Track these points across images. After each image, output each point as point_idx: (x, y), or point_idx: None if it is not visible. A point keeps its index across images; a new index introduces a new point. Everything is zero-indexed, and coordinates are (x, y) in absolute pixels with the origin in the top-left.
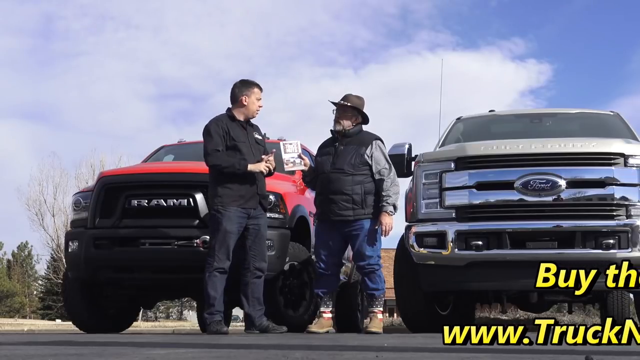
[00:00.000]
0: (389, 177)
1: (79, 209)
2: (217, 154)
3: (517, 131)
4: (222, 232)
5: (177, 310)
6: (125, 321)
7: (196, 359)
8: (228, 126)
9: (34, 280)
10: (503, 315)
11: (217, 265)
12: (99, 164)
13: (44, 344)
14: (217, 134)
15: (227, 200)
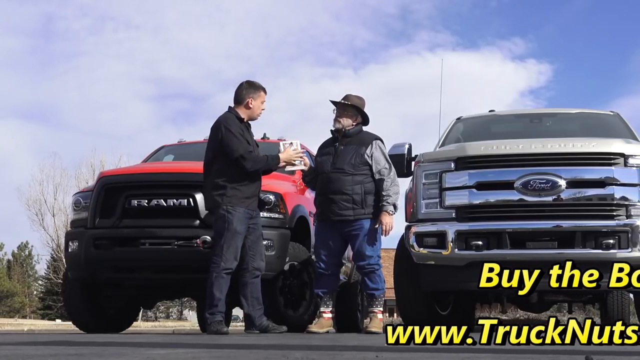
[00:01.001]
0: (389, 177)
1: (79, 209)
2: (252, 155)
3: (517, 131)
4: (231, 232)
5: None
6: (125, 321)
7: (196, 359)
8: (241, 128)
9: (34, 280)
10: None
11: (225, 266)
12: (99, 164)
13: (44, 344)
14: (241, 135)
15: (235, 201)
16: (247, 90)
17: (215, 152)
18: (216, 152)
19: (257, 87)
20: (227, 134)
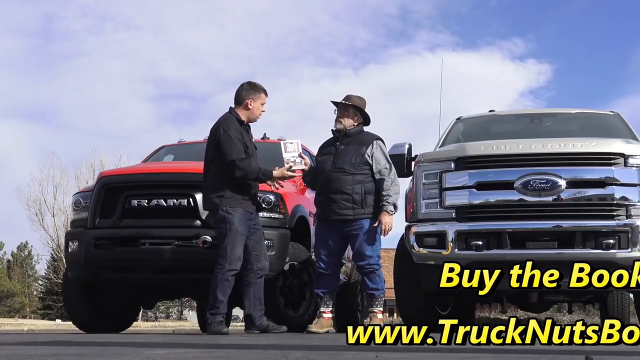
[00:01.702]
0: (389, 177)
1: (79, 209)
2: (244, 163)
3: (517, 131)
4: (234, 232)
5: (177, 310)
6: (125, 321)
7: (196, 359)
8: (241, 131)
9: (34, 280)
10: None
11: (230, 267)
12: (99, 164)
13: (44, 344)
14: (239, 140)
15: (234, 202)
16: (247, 92)
17: (214, 154)
18: (215, 154)
19: (258, 89)
20: (224, 136)
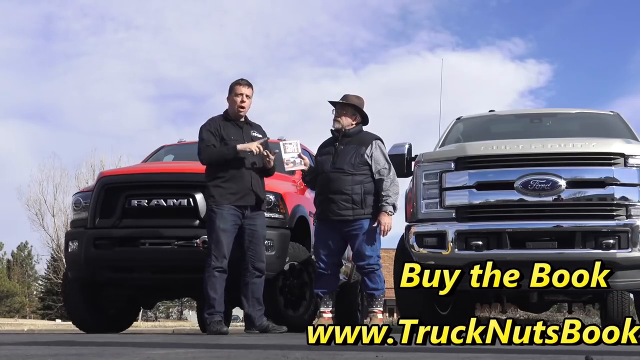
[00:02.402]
0: (388, 177)
1: (79, 209)
2: (207, 149)
3: (517, 131)
4: (216, 230)
5: (177, 310)
6: (125, 321)
7: (196, 359)
8: (221, 125)
9: (34, 280)
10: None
11: (215, 265)
12: (99, 164)
13: (44, 344)
14: (208, 132)
15: (219, 200)
16: (229, 90)
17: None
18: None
19: (234, 83)
20: (198, 135)
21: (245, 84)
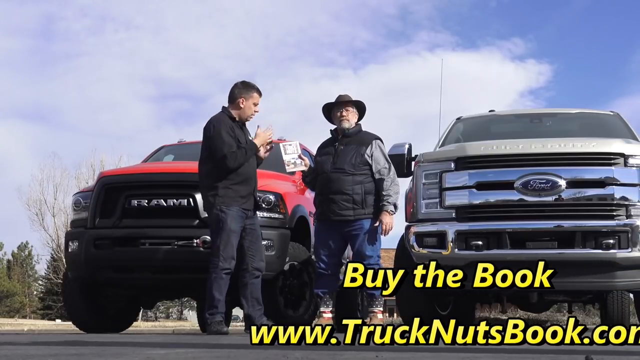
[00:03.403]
0: (388, 177)
1: (79, 209)
2: (235, 155)
3: (517, 131)
4: (226, 231)
5: (177, 310)
6: (125, 321)
7: (196, 359)
8: (232, 127)
9: (34, 280)
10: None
11: (223, 266)
12: (99, 164)
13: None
14: (228, 135)
15: (229, 201)
16: (240, 90)
17: (208, 152)
18: (208, 152)
19: (251, 88)
20: (214, 135)
21: (261, 94)
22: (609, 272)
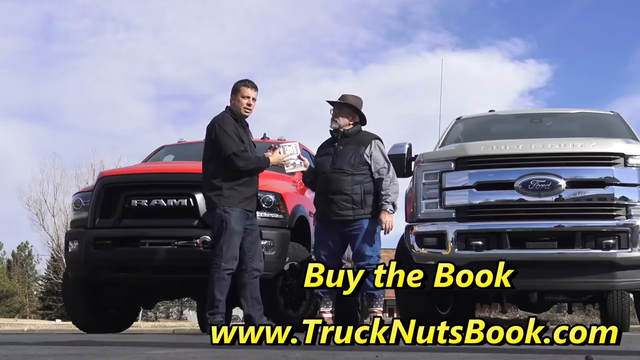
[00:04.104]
0: (387, 176)
1: (79, 209)
2: (245, 155)
3: (517, 131)
4: (229, 232)
5: (177, 310)
6: (125, 321)
7: (196, 359)
8: (236, 127)
9: (34, 280)
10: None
11: (226, 267)
12: (99, 164)
13: (44, 344)
14: (235, 134)
15: (233, 201)
16: (232, 89)
17: (211, 152)
18: (212, 152)
19: (239, 83)
20: (220, 132)
21: (251, 87)
22: (609, 272)
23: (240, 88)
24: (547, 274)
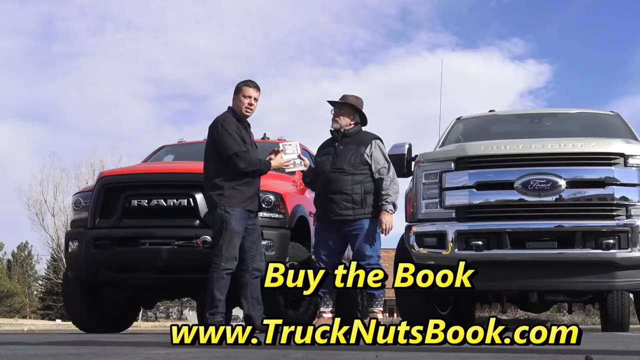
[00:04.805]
0: (388, 176)
1: (79, 209)
2: (246, 156)
3: (517, 131)
4: (229, 232)
5: (177, 310)
6: (125, 321)
7: (196, 359)
8: (238, 127)
9: (34, 280)
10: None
11: (225, 266)
12: (99, 164)
13: (44, 344)
14: (237, 134)
15: (234, 201)
16: (234, 90)
17: (213, 152)
18: (214, 152)
19: (242, 83)
20: (222, 132)
21: (254, 87)
22: (609, 272)
23: (242, 88)
24: (547, 274)
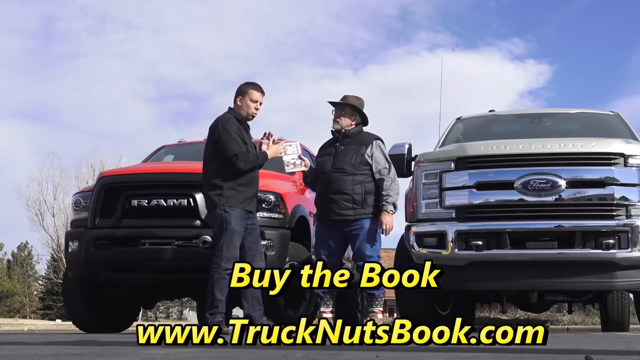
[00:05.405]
0: (388, 177)
1: (79, 209)
2: (246, 156)
3: (517, 131)
4: (230, 232)
5: (177, 310)
6: (125, 321)
7: (196, 359)
8: (239, 128)
9: (34, 280)
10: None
11: (226, 266)
12: (99, 164)
13: (44, 344)
14: (238, 136)
15: (233, 202)
16: (239, 89)
17: (213, 152)
18: (214, 152)
19: (248, 85)
20: (223, 133)
21: (260, 91)
22: (609, 272)
23: (249, 91)
24: (547, 274)
